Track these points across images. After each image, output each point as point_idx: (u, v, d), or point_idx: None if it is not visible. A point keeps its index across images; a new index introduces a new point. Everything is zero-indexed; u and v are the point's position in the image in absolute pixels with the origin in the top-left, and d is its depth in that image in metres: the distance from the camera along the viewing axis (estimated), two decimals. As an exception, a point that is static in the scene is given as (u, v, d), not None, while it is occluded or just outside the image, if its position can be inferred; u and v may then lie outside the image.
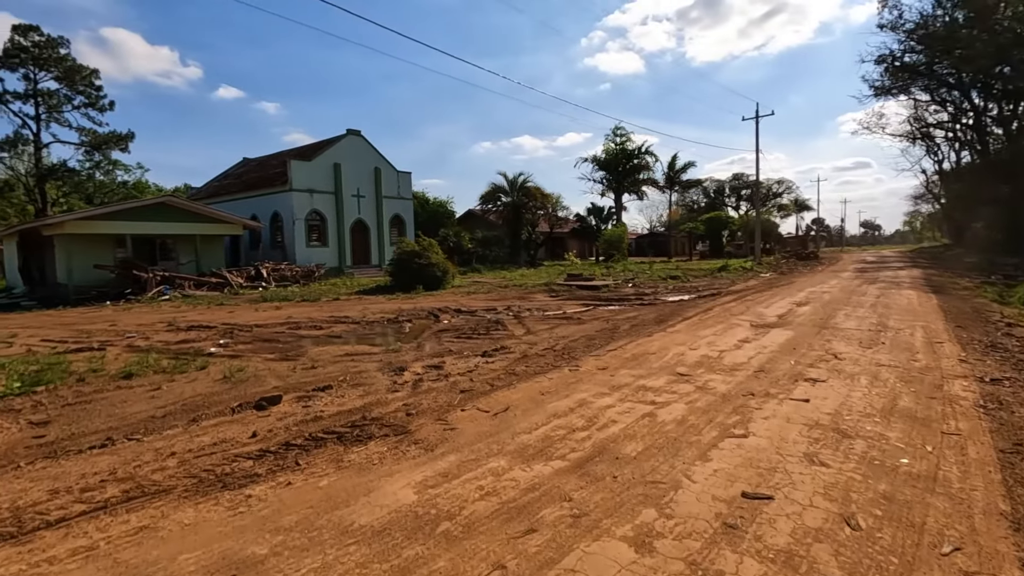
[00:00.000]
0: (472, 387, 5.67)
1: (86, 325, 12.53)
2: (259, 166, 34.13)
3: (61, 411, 5.27)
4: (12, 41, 33.72)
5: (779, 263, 34.82)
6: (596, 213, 45.16)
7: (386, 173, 31.32)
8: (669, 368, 6.19)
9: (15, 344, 9.96)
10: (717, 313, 10.87)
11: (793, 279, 21.32)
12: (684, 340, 7.90)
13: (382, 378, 6.30)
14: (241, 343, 9.38)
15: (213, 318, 12.97)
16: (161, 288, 19.39)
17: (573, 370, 6.30)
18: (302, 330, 10.76)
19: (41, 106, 35.38)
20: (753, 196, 70.67)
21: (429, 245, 20.44)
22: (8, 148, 34.87)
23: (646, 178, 47.03)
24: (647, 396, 5.04)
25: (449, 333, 9.66)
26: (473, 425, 4.47)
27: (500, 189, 36.11)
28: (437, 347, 8.32)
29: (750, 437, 3.88)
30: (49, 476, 3.68)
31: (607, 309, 12.84)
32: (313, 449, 4.09)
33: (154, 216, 21.45)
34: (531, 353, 7.48)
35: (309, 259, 26.79)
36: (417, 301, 15.82)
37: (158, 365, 7.23)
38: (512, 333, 9.43)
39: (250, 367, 7.03)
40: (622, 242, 36.20)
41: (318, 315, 12.97)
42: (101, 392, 5.96)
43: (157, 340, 9.87)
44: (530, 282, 21.32)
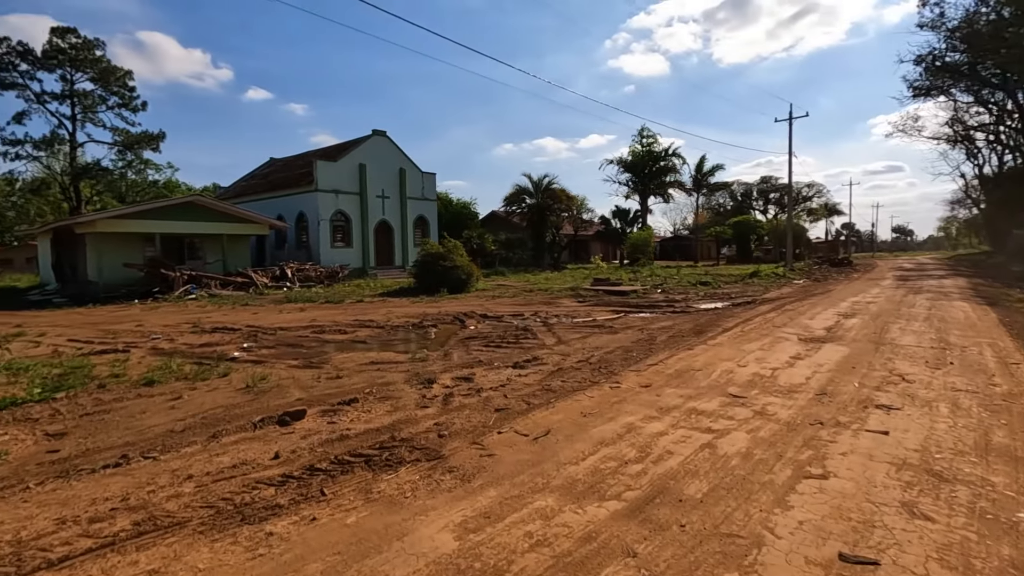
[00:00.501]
0: (507, 405, 5.28)
1: (113, 325, 12.51)
2: (285, 166, 34.34)
3: (79, 422, 5.04)
4: (51, 43, 34.56)
5: (811, 269, 33.73)
6: (621, 216, 44.44)
7: (411, 174, 31.20)
8: (719, 388, 5.71)
9: (43, 344, 9.92)
10: (758, 324, 10.30)
11: (829, 287, 20.47)
12: (729, 355, 7.39)
13: (410, 391, 5.96)
14: (265, 347, 9.16)
15: (237, 319, 12.84)
16: (188, 287, 19.47)
17: (614, 387, 5.86)
18: (326, 334, 10.52)
19: (77, 106, 36.20)
20: (786, 199, 69.13)
21: (454, 247, 20.16)
22: (45, 147, 35.73)
23: (673, 180, 46.21)
24: (701, 422, 4.58)
25: (476, 341, 9.30)
26: (512, 451, 4.08)
27: (524, 191, 35.72)
28: (465, 356, 7.96)
29: (831, 478, 3.41)
30: (58, 500, 3.40)
31: (638, 317, 12.35)
32: (339, 475, 3.74)
33: (182, 215, 21.60)
34: (565, 366, 7.07)
35: (333, 260, 26.77)
36: (441, 305, 15.53)
37: (180, 371, 7.01)
38: (543, 342, 9.02)
39: (273, 375, 6.76)
40: (648, 246, 35.47)
41: (342, 318, 12.75)
42: (121, 400, 5.73)
43: (181, 343, 9.72)
44: (555, 286, 20.88)
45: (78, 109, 36.26)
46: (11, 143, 34.60)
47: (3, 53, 33.67)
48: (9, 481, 3.73)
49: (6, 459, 4.14)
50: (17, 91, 34.43)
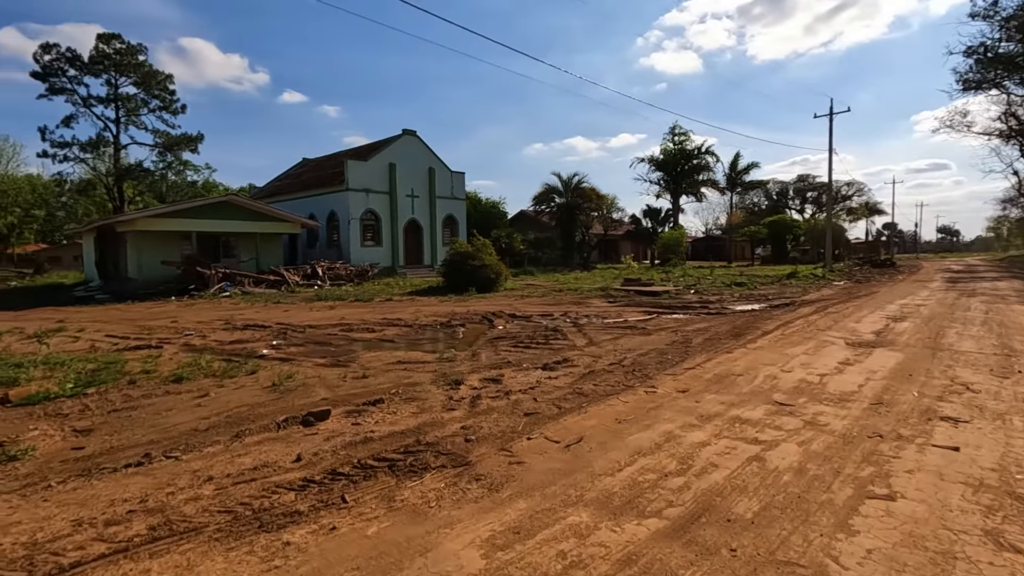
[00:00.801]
0: (537, 409, 5.04)
1: (149, 321, 12.76)
2: (317, 166, 34.84)
3: (106, 418, 5.02)
4: (97, 49, 35.86)
5: (852, 270, 32.46)
6: (652, 215, 43.64)
7: (440, 173, 31.25)
8: (763, 395, 5.36)
9: (81, 339, 10.13)
10: (801, 327, 9.81)
11: (873, 289, 19.57)
12: (772, 359, 6.99)
13: (437, 392, 5.78)
14: (293, 345, 9.14)
15: (268, 317, 12.95)
16: (222, 285, 19.83)
17: (649, 392, 5.57)
18: (354, 332, 10.47)
19: (121, 110, 37.47)
20: (824, 198, 66.89)
21: (482, 246, 20.01)
22: (91, 149, 37.09)
23: (706, 179, 45.16)
24: (747, 432, 4.26)
25: (505, 341, 9.09)
26: (542, 459, 3.85)
27: (554, 190, 35.38)
28: (494, 357, 7.76)
29: (898, 499, 3.07)
30: (77, 501, 3.31)
31: (672, 318, 11.95)
32: (361, 481, 3.58)
33: (218, 214, 22.04)
34: (597, 368, 6.80)
35: (363, 258, 26.98)
36: (470, 304, 15.38)
37: (209, 368, 7.01)
38: (573, 343, 8.75)
39: (300, 374, 6.69)
40: (680, 246, 34.67)
41: (371, 317, 12.71)
42: (149, 397, 5.71)
43: (212, 339, 9.79)
44: (585, 286, 20.53)
45: (122, 112, 37.54)
46: (60, 145, 36.03)
47: (53, 59, 35.09)
48: (33, 479, 3.68)
49: (33, 456, 4.11)
50: (66, 96, 35.85)
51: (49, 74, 35.04)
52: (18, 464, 3.95)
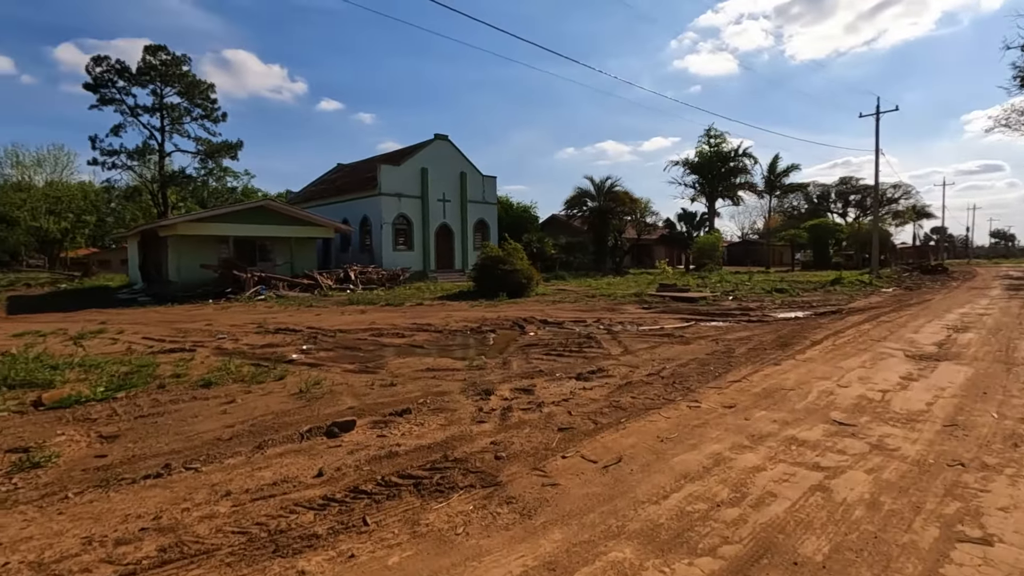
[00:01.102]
0: (572, 423, 4.73)
1: (186, 323, 12.96)
2: (351, 171, 35.31)
3: (132, 424, 4.94)
4: (144, 60, 37.28)
5: (900, 276, 30.95)
6: (687, 219, 42.68)
7: (471, 177, 31.22)
8: (819, 412, 4.91)
9: (120, 341, 10.30)
10: (853, 337, 9.20)
11: (926, 296, 18.50)
12: (825, 372, 6.50)
13: (466, 402, 5.53)
14: (323, 350, 9.06)
15: (300, 321, 12.99)
16: (258, 288, 20.14)
17: (692, 407, 5.19)
18: (384, 338, 10.35)
19: (166, 118, 38.83)
20: (868, 201, 64.30)
21: (514, 250, 19.79)
22: (138, 157, 38.53)
23: (743, 182, 43.91)
24: (805, 455, 3.86)
25: (537, 348, 8.80)
26: (579, 482, 3.54)
27: (586, 193, 34.93)
28: (525, 365, 7.48)
29: (996, 544, 2.65)
30: (91, 515, 3.17)
31: (711, 326, 11.44)
32: (385, 501, 3.34)
33: (254, 219, 22.46)
34: (634, 379, 6.44)
35: (395, 263, 27.10)
36: (501, 309, 15.15)
37: (238, 373, 6.94)
38: (608, 352, 8.40)
39: (327, 380, 6.54)
40: (716, 250, 33.69)
41: (401, 321, 12.61)
42: (176, 403, 5.64)
43: (244, 343, 9.81)
44: (618, 292, 20.06)
45: (167, 121, 38.89)
46: (108, 153, 37.55)
47: (104, 71, 36.63)
48: (52, 488, 3.58)
49: (56, 463, 4.03)
50: (115, 106, 37.35)
51: (100, 85, 36.58)
52: (40, 472, 3.86)
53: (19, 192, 48.55)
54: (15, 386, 6.31)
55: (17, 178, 50.79)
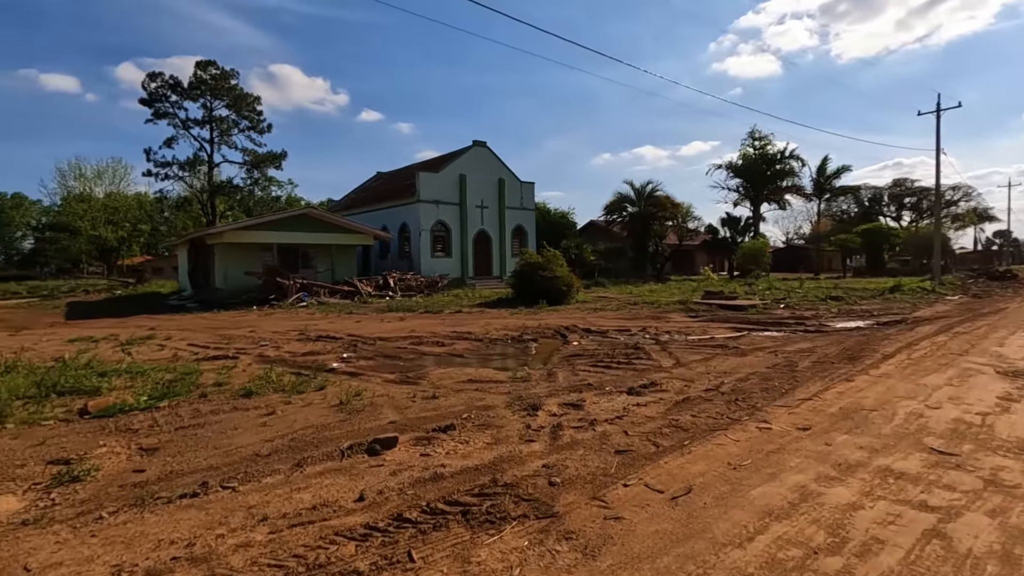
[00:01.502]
0: (630, 445, 4.34)
1: (230, 330, 13.13)
2: (390, 179, 35.72)
3: (172, 436, 4.82)
4: (195, 75, 38.81)
5: (965, 283, 29.03)
6: (731, 224, 41.30)
7: (509, 184, 31.06)
8: (911, 438, 4.37)
9: (167, 347, 10.45)
10: (930, 350, 8.45)
11: (999, 305, 17.14)
12: (907, 390, 5.88)
13: (512, 418, 5.21)
14: (363, 358, 8.92)
15: (340, 328, 12.97)
16: (299, 295, 20.42)
17: (763, 428, 4.71)
18: (424, 346, 10.16)
19: (215, 131, 40.28)
20: (924, 204, 61.06)
21: (553, 256, 19.42)
22: (189, 168, 40.06)
23: (790, 185, 42.26)
24: (907, 491, 3.36)
25: (583, 359, 8.41)
26: (645, 515, 3.16)
27: (626, 198, 34.24)
28: (572, 377, 7.11)
29: None
30: (124, 539, 2.99)
31: (765, 336, 10.79)
32: (431, 531, 3.04)
33: (297, 226, 22.85)
34: (692, 395, 5.98)
35: (433, 269, 27.14)
36: (541, 317, 14.80)
37: (279, 382, 6.82)
38: (658, 363, 7.94)
39: (368, 391, 6.34)
40: (762, 256, 32.37)
41: (440, 329, 12.42)
42: (217, 413, 5.52)
43: (286, 350, 9.78)
44: (662, 299, 19.41)
45: (215, 133, 40.34)
46: (162, 165, 39.22)
47: (158, 87, 38.32)
48: (88, 506, 3.43)
49: (95, 477, 3.91)
50: (168, 119, 39.00)
51: (155, 100, 38.26)
52: (78, 487, 3.74)
53: (81, 203, 51.28)
54: (64, 392, 6.35)
55: (80, 190, 53.67)
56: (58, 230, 56.80)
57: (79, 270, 55.62)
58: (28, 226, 72.92)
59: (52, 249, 59.06)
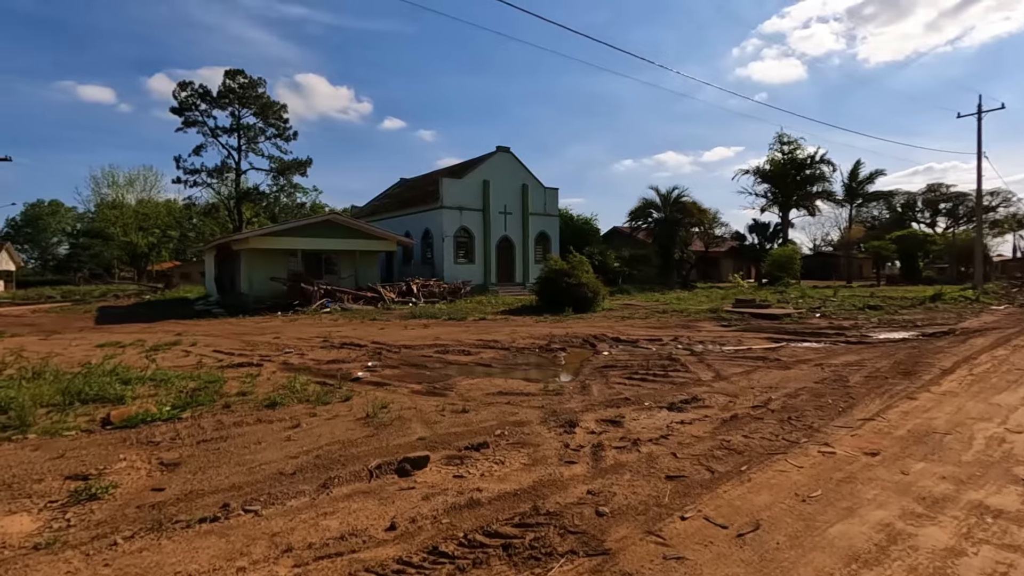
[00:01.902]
0: (681, 469, 3.99)
1: (255, 336, 13.06)
2: (413, 186, 35.77)
3: (194, 450, 4.61)
4: (224, 84, 39.54)
5: (1009, 292, 27.79)
6: (759, 230, 40.35)
7: (533, 189, 30.80)
8: (997, 466, 3.92)
9: (192, 353, 10.38)
10: (991, 365, 7.88)
11: (1052, 315, 16.22)
12: (981, 411, 5.39)
13: (548, 436, 4.89)
14: (388, 367, 8.69)
15: (364, 335, 12.80)
16: (323, 301, 20.40)
17: (825, 453, 4.31)
18: (450, 355, 9.91)
19: (243, 138, 40.94)
20: (960, 210, 58.98)
21: (579, 263, 19.06)
22: (217, 175, 40.75)
23: (820, 190, 41.15)
24: (1011, 534, 2.94)
25: (616, 371, 8.04)
26: (711, 556, 2.80)
27: (651, 204, 33.66)
28: (607, 391, 6.76)
29: None
30: (139, 570, 2.74)
31: (805, 347, 10.29)
32: (471, 568, 2.74)
33: (321, 232, 22.90)
34: (738, 412, 5.59)
35: (456, 276, 26.96)
36: (567, 325, 14.45)
37: (303, 392, 6.62)
38: (697, 376, 7.54)
39: (395, 403, 6.09)
40: (793, 263, 31.44)
41: (465, 337, 12.16)
42: (240, 425, 5.31)
43: (310, 358, 9.61)
44: (691, 307, 18.89)
45: (243, 141, 41.01)
46: (191, 172, 39.99)
47: (188, 96, 39.12)
48: (104, 529, 3.20)
49: (112, 495, 3.70)
50: (197, 128, 39.77)
51: (184, 109, 39.05)
52: (95, 506, 3.53)
53: (113, 210, 52.63)
54: (88, 400, 6.23)
55: (112, 197, 55.11)
56: (92, 236, 58.42)
57: (111, 275, 57.00)
58: (64, 232, 75.16)
59: (86, 255, 60.73)
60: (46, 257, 74.26)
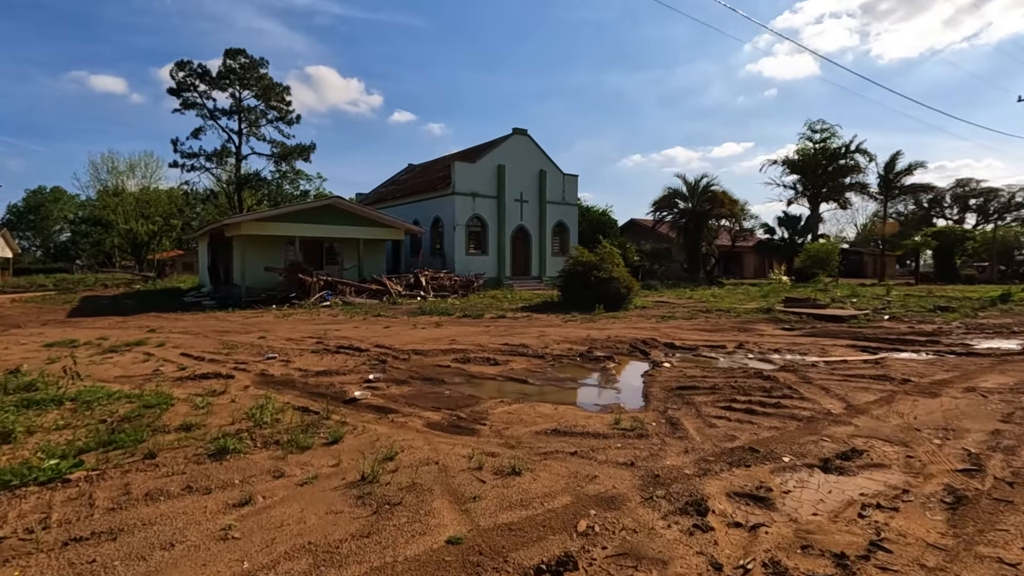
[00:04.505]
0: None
1: (239, 334, 11.08)
2: (423, 171, 33.68)
3: (52, 560, 2.58)
4: (224, 64, 37.51)
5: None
6: (788, 224, 37.96)
7: (551, 176, 28.64)
8: None
9: (154, 357, 8.43)
10: None
11: None
12: None
13: (669, 534, 2.86)
14: (394, 381, 6.68)
15: (366, 335, 10.79)
16: (323, 294, 18.43)
17: None
18: (472, 364, 7.88)
19: (243, 121, 38.94)
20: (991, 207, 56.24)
21: (608, 255, 16.96)
22: (216, 159, 38.80)
23: (853, 182, 38.67)
24: None
25: (700, 394, 5.97)
26: None
27: (677, 194, 31.36)
28: (706, 428, 4.71)
29: None
30: None
31: (912, 360, 8.18)
32: None
33: (322, 218, 20.90)
34: (952, 484, 3.53)
35: (468, 268, 24.93)
36: (602, 326, 12.37)
37: (274, 426, 4.62)
38: (820, 406, 5.47)
39: (405, 448, 4.07)
40: (831, 259, 29.10)
41: (487, 340, 10.12)
42: (155, 500, 3.29)
43: (296, 366, 7.61)
44: (736, 306, 16.74)
45: (244, 124, 39.00)
46: (189, 156, 38.05)
47: (186, 76, 37.11)
48: None
49: None
50: (196, 110, 37.80)
51: (182, 89, 37.08)
52: None
53: (114, 197, 50.78)
54: (-39, 437, 4.25)
55: (112, 183, 53.24)
56: (92, 224, 56.65)
57: (111, 264, 55.32)
58: (65, 220, 73.63)
59: (86, 242, 59.08)
60: (48, 245, 72.76)
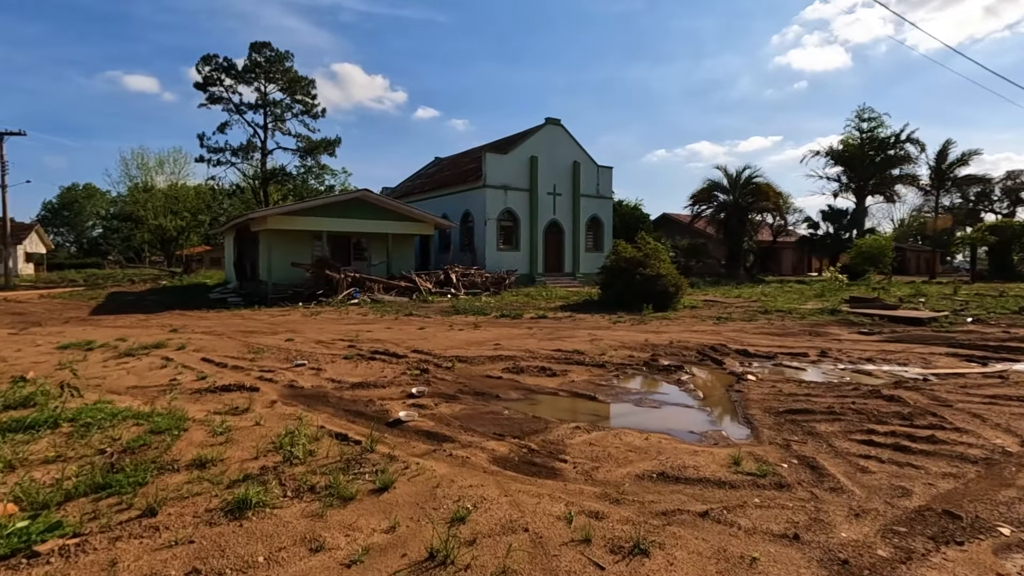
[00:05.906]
0: None
1: (264, 336, 10.28)
2: (452, 164, 32.77)
3: None
4: (250, 58, 37.12)
5: None
6: (833, 218, 36.02)
7: (585, 168, 27.42)
8: None
9: (172, 363, 7.63)
10: None
11: None
12: None
13: None
14: (441, 397, 5.72)
15: (401, 338, 9.87)
16: (351, 291, 17.64)
17: None
18: (525, 376, 6.88)
19: (269, 115, 38.54)
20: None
21: (654, 251, 15.78)
22: (242, 154, 38.50)
23: (903, 174, 36.52)
24: None
25: (822, 421, 4.86)
26: None
27: (717, 186, 29.82)
28: (858, 475, 3.64)
29: None
30: None
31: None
32: None
33: (350, 212, 20.12)
34: None
35: (499, 264, 23.94)
36: (657, 328, 11.25)
37: (308, 462, 3.67)
38: (985, 439, 4.32)
39: (476, 500, 3.10)
40: (885, 255, 27.22)
41: (534, 344, 9.11)
42: (148, 590, 2.34)
43: (328, 376, 6.71)
44: (794, 306, 15.40)
45: (269, 119, 38.61)
46: (215, 151, 37.80)
47: (212, 70, 36.81)
48: None
49: None
50: (222, 104, 37.52)
51: (208, 84, 36.80)
52: None
53: (144, 193, 51.14)
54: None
55: (142, 179, 53.64)
56: (123, 219, 57.25)
57: (141, 260, 55.91)
58: (97, 215, 74.93)
59: (116, 238, 59.85)
60: (80, 241, 74.13)
